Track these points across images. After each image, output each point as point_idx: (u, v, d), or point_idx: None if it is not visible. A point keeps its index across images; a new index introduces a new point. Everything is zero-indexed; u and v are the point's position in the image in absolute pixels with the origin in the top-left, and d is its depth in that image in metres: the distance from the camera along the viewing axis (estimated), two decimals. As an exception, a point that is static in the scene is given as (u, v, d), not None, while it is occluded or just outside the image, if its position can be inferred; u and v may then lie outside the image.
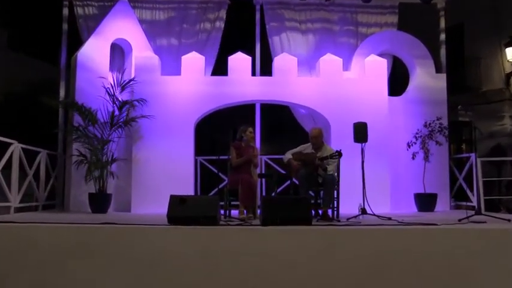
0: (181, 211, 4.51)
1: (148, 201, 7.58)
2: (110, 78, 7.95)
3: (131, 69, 8.22)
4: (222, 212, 5.63)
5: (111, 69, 8.19)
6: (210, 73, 8.54)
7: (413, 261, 4.05)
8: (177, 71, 8.22)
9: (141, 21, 8.57)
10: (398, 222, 4.95)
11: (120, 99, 7.78)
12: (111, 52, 8.19)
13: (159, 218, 5.15)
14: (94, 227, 4.35)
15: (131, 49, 8.33)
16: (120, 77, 7.86)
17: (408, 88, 8.78)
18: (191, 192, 7.79)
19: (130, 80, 7.86)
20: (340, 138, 7.65)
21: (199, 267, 4.08)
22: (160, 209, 6.69)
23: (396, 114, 8.41)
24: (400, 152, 8.24)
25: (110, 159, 7.58)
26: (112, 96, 7.71)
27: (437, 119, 8.10)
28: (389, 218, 5.48)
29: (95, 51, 8.00)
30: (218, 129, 9.82)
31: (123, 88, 7.81)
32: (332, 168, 5.88)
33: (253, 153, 6.05)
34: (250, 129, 6.22)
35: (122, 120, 7.69)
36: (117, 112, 7.69)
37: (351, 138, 6.21)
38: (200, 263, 4.09)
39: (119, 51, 8.46)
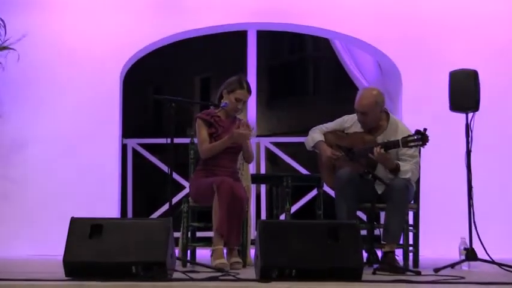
0: (93, 252, 4.51)
1: (26, 231, 7.64)
2: None
3: None
4: (177, 253, 5.67)
5: None
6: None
7: None
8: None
9: None
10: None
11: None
12: None
13: (48, 266, 5.08)
14: None
15: None
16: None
17: None
18: (115, 212, 7.87)
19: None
20: (421, 105, 7.67)
21: None
22: (50, 247, 6.68)
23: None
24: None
25: None
26: None
27: None
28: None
29: None
30: (171, 86, 9.78)
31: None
32: (409, 168, 5.85)
33: (242, 132, 6.00)
34: (244, 86, 6.05)
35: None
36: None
37: (445, 103, 6.18)
38: None
39: None
